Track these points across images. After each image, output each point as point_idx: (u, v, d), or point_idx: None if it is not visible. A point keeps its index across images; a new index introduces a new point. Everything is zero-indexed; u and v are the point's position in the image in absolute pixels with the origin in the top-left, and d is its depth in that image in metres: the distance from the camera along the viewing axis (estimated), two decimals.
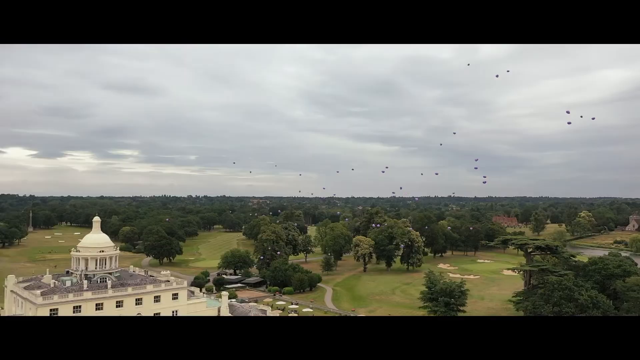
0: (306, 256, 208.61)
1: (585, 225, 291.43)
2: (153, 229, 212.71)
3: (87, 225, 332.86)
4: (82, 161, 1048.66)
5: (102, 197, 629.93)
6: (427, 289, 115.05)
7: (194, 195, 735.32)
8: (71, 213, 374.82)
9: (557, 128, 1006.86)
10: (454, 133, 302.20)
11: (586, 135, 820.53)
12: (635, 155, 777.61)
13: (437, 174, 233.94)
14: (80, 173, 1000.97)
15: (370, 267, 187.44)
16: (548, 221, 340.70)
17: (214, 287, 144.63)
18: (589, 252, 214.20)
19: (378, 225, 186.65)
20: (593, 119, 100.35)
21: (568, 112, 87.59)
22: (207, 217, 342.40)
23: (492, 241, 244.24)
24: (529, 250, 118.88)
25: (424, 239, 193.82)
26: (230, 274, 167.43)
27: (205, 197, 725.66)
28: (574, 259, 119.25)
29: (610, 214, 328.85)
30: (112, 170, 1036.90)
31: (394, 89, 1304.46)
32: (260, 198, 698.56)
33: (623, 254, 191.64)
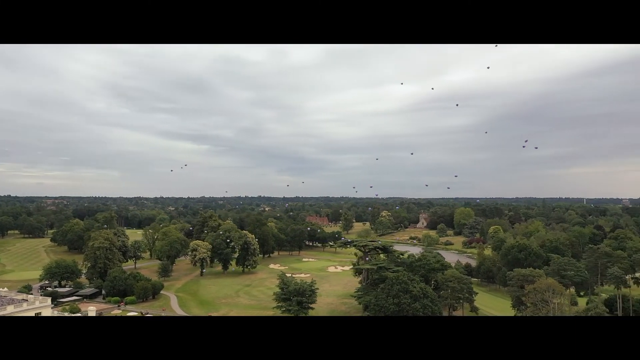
0: (135, 262, 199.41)
1: (387, 224, 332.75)
2: None
3: None
4: None
5: None
6: (280, 290, 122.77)
7: None
8: None
9: (356, 134, 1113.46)
10: (412, 153, 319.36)
11: (378, 141, 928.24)
12: (418, 160, 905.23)
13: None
14: None
15: (205, 270, 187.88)
16: (354, 220, 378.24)
17: None
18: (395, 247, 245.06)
19: None
20: (536, 148, 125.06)
21: (526, 141, 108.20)
22: (0, 221, 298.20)
23: (314, 241, 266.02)
24: (367, 250, 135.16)
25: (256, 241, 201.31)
26: (56, 286, 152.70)
27: None
28: (402, 256, 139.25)
29: (404, 214, 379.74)
30: None
31: (205, 87, 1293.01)
32: (55, 198, 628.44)
33: (418, 248, 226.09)
